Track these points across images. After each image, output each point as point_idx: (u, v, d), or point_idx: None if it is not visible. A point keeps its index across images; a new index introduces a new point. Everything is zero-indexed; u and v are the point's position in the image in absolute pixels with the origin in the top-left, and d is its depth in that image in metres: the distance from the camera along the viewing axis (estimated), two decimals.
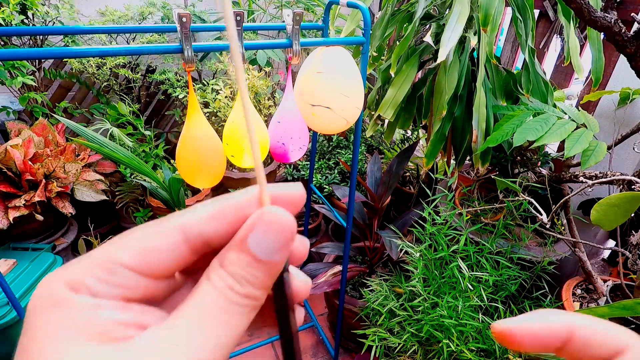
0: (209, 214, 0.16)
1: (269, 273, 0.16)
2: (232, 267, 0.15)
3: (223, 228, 0.16)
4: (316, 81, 0.79)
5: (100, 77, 1.61)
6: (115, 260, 0.15)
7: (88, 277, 0.14)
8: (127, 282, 0.15)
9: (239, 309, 0.15)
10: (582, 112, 0.91)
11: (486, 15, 0.84)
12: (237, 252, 0.16)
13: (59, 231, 1.53)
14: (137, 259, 0.15)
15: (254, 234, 0.16)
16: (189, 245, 0.16)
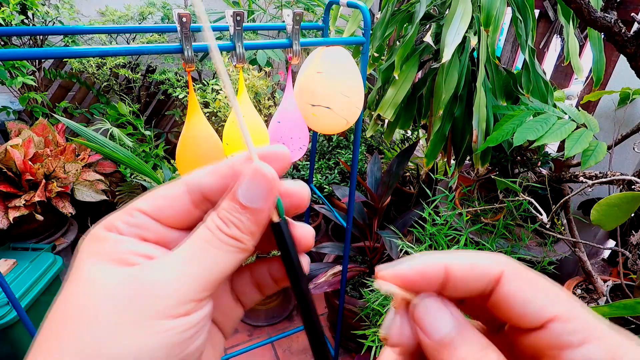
0: (207, 171, 0.19)
1: (254, 219, 0.18)
2: (222, 212, 0.18)
3: (217, 181, 0.19)
4: (316, 81, 0.79)
5: (100, 77, 1.61)
6: (135, 206, 0.19)
7: (117, 220, 0.18)
8: (143, 223, 0.19)
9: (224, 246, 0.18)
10: (582, 112, 0.91)
11: (488, 16, 0.84)
12: (228, 200, 0.18)
13: (59, 231, 1.53)
14: (149, 205, 0.19)
15: (241, 184, 0.18)
16: (190, 197, 0.19)
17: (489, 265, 0.16)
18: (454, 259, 0.17)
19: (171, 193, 0.19)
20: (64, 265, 1.34)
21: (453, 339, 0.16)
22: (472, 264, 0.16)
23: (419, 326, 0.17)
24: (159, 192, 0.19)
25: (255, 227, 0.18)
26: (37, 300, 1.20)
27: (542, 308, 0.15)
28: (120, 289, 0.16)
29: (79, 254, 0.18)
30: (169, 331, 0.16)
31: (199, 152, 0.76)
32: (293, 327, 1.55)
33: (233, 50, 0.70)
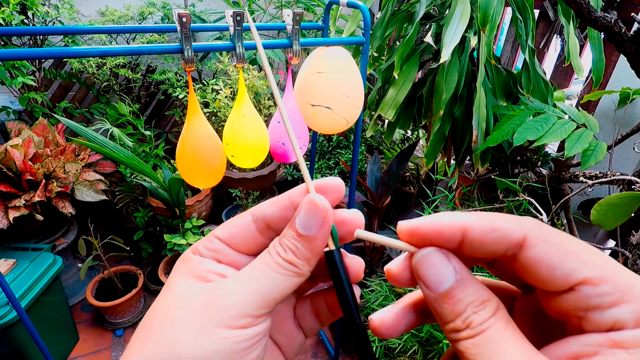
0: (269, 202, 0.22)
1: (308, 246, 0.20)
2: (283, 239, 0.20)
3: (278, 211, 0.21)
4: (316, 81, 0.79)
5: (100, 77, 1.60)
6: (214, 233, 0.22)
7: (200, 245, 0.22)
8: (218, 248, 0.22)
9: (281, 270, 0.20)
10: (582, 112, 0.91)
11: (485, 15, 0.84)
12: (288, 229, 0.21)
13: (59, 231, 1.53)
14: (224, 232, 0.22)
15: (298, 214, 0.20)
16: (256, 225, 0.22)
17: (510, 230, 0.16)
18: (474, 220, 0.17)
19: (240, 222, 0.22)
20: (64, 265, 1.34)
21: (454, 291, 0.16)
22: (493, 227, 0.16)
23: (420, 279, 0.17)
24: (232, 221, 0.22)
25: (309, 254, 0.20)
26: (37, 300, 1.20)
27: (570, 272, 0.15)
28: (195, 299, 0.19)
29: (173, 272, 0.21)
30: (227, 339, 0.18)
31: (199, 152, 0.76)
32: None
33: (233, 50, 0.70)
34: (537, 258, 0.15)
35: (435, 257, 0.17)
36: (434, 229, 0.17)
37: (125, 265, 1.59)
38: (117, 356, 1.43)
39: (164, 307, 0.20)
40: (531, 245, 0.16)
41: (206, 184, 0.82)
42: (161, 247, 1.63)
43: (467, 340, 0.15)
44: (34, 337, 0.90)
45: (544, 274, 0.15)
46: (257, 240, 0.22)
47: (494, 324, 0.15)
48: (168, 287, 0.21)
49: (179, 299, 0.19)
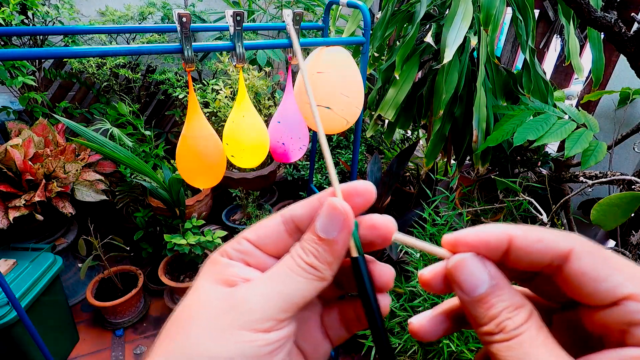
0: (299, 204, 0.22)
1: (329, 250, 0.20)
2: (304, 243, 0.20)
3: (308, 212, 0.21)
4: (316, 81, 0.79)
5: (100, 77, 1.60)
6: (243, 235, 0.22)
7: (228, 247, 0.22)
8: (247, 250, 0.22)
9: (304, 273, 0.20)
10: (582, 112, 0.91)
11: (487, 15, 0.84)
12: (309, 232, 0.21)
13: (59, 231, 1.53)
14: (253, 234, 0.22)
15: (318, 217, 0.20)
16: (285, 227, 0.22)
17: (556, 241, 0.16)
18: (519, 231, 0.17)
19: (270, 224, 0.22)
20: (63, 265, 1.34)
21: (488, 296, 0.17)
22: (540, 237, 0.17)
23: (456, 283, 0.18)
24: (262, 223, 0.22)
25: (331, 258, 0.20)
26: (37, 300, 1.20)
27: (616, 286, 0.15)
28: (219, 302, 0.19)
29: (200, 274, 0.22)
30: (250, 342, 0.18)
31: (199, 152, 0.76)
32: None
33: (233, 50, 0.70)
34: (583, 270, 0.16)
35: (471, 261, 0.18)
36: (481, 239, 0.18)
37: (125, 265, 1.59)
38: (117, 356, 1.43)
39: (188, 309, 0.20)
40: (578, 257, 0.16)
41: (206, 184, 0.82)
42: (161, 247, 1.62)
43: (501, 343, 0.16)
44: (34, 337, 0.90)
45: (590, 287, 0.16)
46: (286, 243, 0.22)
47: (527, 329, 0.16)
48: (194, 290, 0.21)
49: (203, 301, 0.20)
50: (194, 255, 1.47)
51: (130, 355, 1.44)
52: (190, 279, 1.52)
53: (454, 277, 0.18)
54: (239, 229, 1.79)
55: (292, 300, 0.19)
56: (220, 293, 0.20)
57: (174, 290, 1.52)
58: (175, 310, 0.21)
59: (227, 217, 1.89)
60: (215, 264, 0.21)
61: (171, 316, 0.21)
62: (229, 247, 0.22)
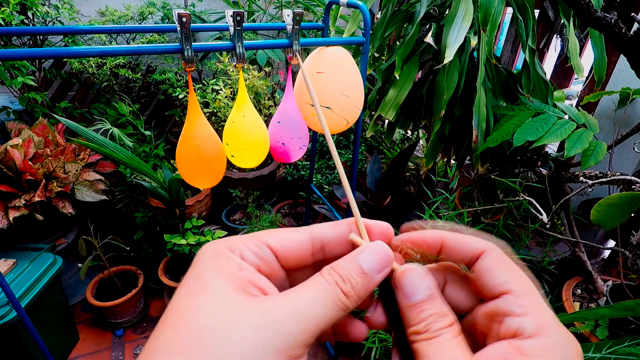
0: (328, 225, 0.23)
1: (366, 285, 0.20)
2: (342, 270, 0.20)
3: (337, 235, 0.22)
4: (316, 81, 0.79)
5: (100, 77, 1.60)
6: (264, 239, 0.21)
7: (243, 246, 0.21)
8: (267, 257, 0.21)
9: (337, 300, 0.19)
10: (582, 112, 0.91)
11: (486, 15, 0.84)
12: (349, 262, 0.21)
13: (59, 231, 1.53)
14: (278, 243, 0.21)
15: (366, 253, 0.21)
16: (312, 244, 0.22)
17: (474, 244, 0.21)
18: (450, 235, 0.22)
19: (298, 238, 0.22)
20: (63, 265, 1.34)
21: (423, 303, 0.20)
22: (464, 240, 0.21)
23: (400, 287, 0.21)
24: (288, 235, 0.22)
25: (363, 292, 0.20)
26: (37, 300, 1.20)
27: (503, 282, 0.19)
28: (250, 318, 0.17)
29: (203, 263, 0.20)
30: None
31: (199, 152, 0.76)
32: None
33: (233, 50, 0.70)
34: (485, 267, 0.20)
35: (416, 272, 0.21)
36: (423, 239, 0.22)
37: (125, 265, 1.59)
38: (117, 356, 1.43)
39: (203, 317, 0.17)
40: (485, 256, 0.20)
41: (206, 184, 0.82)
42: (161, 247, 1.62)
43: (425, 341, 0.19)
44: (34, 337, 0.90)
45: (485, 281, 0.20)
46: (306, 260, 0.22)
47: (447, 332, 0.19)
48: (203, 286, 0.19)
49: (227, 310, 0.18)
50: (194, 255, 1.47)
51: (130, 355, 1.44)
52: None
53: (400, 282, 0.21)
54: (238, 229, 1.79)
55: (323, 326, 0.19)
56: (247, 306, 0.18)
57: (174, 290, 1.51)
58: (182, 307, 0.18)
59: (227, 217, 1.89)
60: (225, 259, 0.20)
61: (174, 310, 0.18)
62: (244, 246, 0.21)
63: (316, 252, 0.22)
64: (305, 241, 0.22)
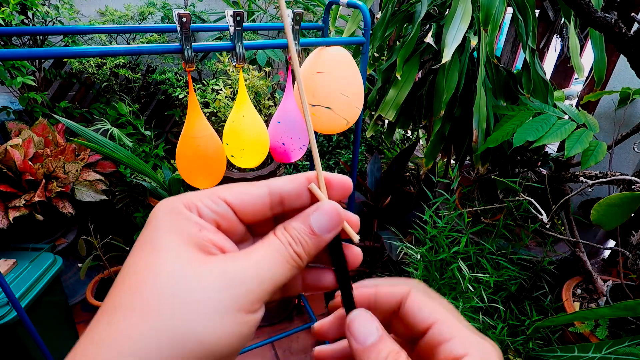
0: (287, 179, 0.23)
1: (316, 244, 0.21)
2: (294, 231, 0.21)
3: (295, 188, 0.22)
4: (316, 81, 0.79)
5: (100, 77, 1.60)
6: (221, 195, 0.21)
7: (199, 202, 0.20)
8: (224, 212, 0.21)
9: (290, 260, 0.21)
10: (582, 112, 0.91)
11: (487, 15, 0.84)
12: (301, 223, 0.22)
13: (59, 231, 1.53)
14: (235, 198, 0.21)
15: (316, 214, 0.22)
16: (270, 198, 0.22)
17: (402, 286, 0.23)
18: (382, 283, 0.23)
19: (256, 192, 0.22)
20: (63, 265, 1.33)
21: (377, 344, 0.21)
22: (393, 284, 0.23)
23: (352, 335, 0.21)
24: (244, 189, 0.22)
25: (314, 251, 0.22)
26: (37, 300, 1.20)
27: (429, 315, 0.21)
28: (210, 277, 0.18)
29: (158, 222, 0.19)
30: (246, 323, 0.19)
31: (199, 152, 0.76)
32: (293, 327, 1.55)
33: (233, 50, 0.70)
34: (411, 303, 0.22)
35: (364, 316, 0.22)
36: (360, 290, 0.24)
37: None
38: None
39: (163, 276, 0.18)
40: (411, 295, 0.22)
41: (206, 184, 0.82)
42: None
43: None
44: (34, 337, 0.90)
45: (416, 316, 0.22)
46: (265, 214, 0.22)
47: None
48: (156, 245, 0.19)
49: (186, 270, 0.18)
50: None
51: None
52: None
53: (350, 329, 0.21)
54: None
55: (278, 284, 0.20)
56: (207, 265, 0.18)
57: None
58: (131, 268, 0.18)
59: None
60: (181, 218, 0.20)
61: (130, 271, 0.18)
62: (199, 202, 0.20)
63: (275, 206, 0.22)
64: (263, 195, 0.22)
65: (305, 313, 1.63)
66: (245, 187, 0.22)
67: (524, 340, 0.93)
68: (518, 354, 0.92)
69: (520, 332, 0.96)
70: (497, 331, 0.91)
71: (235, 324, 0.18)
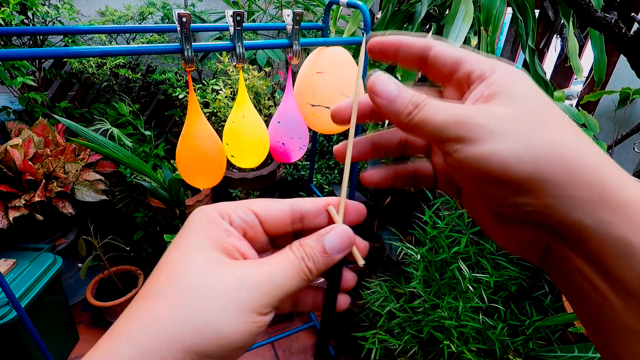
0: (308, 200, 0.25)
1: (326, 263, 0.24)
2: (307, 248, 0.23)
3: (315, 209, 0.25)
4: (316, 81, 0.79)
5: (100, 77, 1.60)
6: (250, 206, 0.24)
7: (231, 211, 0.23)
8: (252, 222, 0.24)
9: (301, 273, 0.23)
10: (582, 112, 0.91)
11: (487, 16, 0.84)
12: (315, 241, 0.24)
13: (59, 231, 1.53)
14: (262, 210, 0.24)
15: (330, 235, 0.24)
16: (292, 214, 0.25)
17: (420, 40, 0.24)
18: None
19: (280, 207, 0.25)
20: (63, 265, 1.34)
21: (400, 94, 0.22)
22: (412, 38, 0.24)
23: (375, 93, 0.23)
24: (271, 203, 0.25)
25: (324, 268, 0.24)
26: (37, 300, 1.20)
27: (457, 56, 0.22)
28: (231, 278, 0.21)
29: (193, 225, 0.23)
30: (256, 324, 0.21)
31: (199, 152, 0.76)
32: (293, 327, 1.55)
33: (233, 50, 0.70)
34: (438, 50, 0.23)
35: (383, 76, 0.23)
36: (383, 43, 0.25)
37: (125, 265, 1.59)
38: None
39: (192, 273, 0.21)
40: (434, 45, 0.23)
41: (206, 184, 0.82)
42: (161, 247, 1.62)
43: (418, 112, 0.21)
44: (34, 337, 0.90)
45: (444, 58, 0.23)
46: (286, 228, 0.25)
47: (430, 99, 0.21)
48: (189, 246, 0.22)
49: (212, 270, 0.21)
50: None
51: None
52: None
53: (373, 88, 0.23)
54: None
55: (287, 292, 0.22)
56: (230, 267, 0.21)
57: None
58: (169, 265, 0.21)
59: None
60: (213, 224, 0.23)
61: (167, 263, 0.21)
62: (232, 211, 0.24)
63: (295, 222, 0.25)
64: (287, 211, 0.25)
65: (305, 313, 1.63)
66: (272, 202, 0.25)
67: (524, 340, 0.93)
68: (518, 354, 0.92)
69: (520, 332, 0.96)
70: (497, 331, 0.91)
71: (247, 322, 0.20)
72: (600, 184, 0.18)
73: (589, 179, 0.18)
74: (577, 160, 0.18)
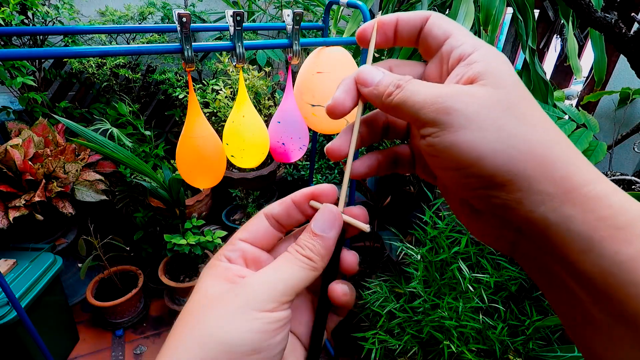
0: (275, 203, 0.27)
1: (322, 244, 0.24)
2: (300, 240, 0.25)
3: (283, 209, 0.26)
4: (316, 81, 0.79)
5: (100, 77, 1.60)
6: (236, 237, 0.26)
7: (225, 252, 0.25)
8: (243, 248, 0.26)
9: (300, 263, 0.24)
10: (582, 112, 0.91)
11: (487, 15, 0.84)
12: (305, 232, 0.25)
13: (59, 231, 1.53)
14: (245, 232, 0.26)
15: (314, 219, 0.25)
16: (268, 221, 0.26)
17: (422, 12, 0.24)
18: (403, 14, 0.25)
19: (256, 221, 0.27)
20: (63, 265, 1.34)
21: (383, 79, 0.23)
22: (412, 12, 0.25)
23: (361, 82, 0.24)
24: (248, 223, 0.27)
25: (323, 251, 0.24)
26: (37, 300, 1.20)
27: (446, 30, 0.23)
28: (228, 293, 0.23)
29: (202, 277, 0.25)
30: (258, 319, 0.21)
31: (199, 152, 0.76)
32: None
33: (233, 50, 0.70)
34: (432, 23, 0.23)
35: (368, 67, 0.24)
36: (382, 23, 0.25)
37: (125, 265, 1.59)
38: (117, 356, 1.43)
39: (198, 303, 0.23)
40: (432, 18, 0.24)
41: (206, 184, 0.82)
42: (161, 247, 1.62)
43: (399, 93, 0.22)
44: (34, 337, 0.90)
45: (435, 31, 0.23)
46: (273, 235, 0.27)
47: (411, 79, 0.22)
48: (200, 289, 0.24)
49: (212, 294, 0.23)
50: (194, 255, 1.47)
51: (130, 355, 1.44)
52: (190, 279, 1.52)
53: (359, 79, 0.24)
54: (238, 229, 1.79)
55: (291, 285, 0.23)
56: (227, 286, 0.23)
57: (173, 290, 1.52)
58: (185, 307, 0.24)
59: (227, 217, 1.89)
60: (215, 267, 0.25)
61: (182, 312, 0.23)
62: (226, 251, 0.25)
63: (275, 226, 0.27)
64: (262, 220, 0.26)
65: None
66: (248, 222, 0.27)
67: (524, 340, 0.93)
68: (518, 354, 0.92)
69: (520, 332, 0.96)
70: (497, 331, 0.91)
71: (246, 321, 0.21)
72: (567, 179, 0.18)
73: (558, 174, 0.18)
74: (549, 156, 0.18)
